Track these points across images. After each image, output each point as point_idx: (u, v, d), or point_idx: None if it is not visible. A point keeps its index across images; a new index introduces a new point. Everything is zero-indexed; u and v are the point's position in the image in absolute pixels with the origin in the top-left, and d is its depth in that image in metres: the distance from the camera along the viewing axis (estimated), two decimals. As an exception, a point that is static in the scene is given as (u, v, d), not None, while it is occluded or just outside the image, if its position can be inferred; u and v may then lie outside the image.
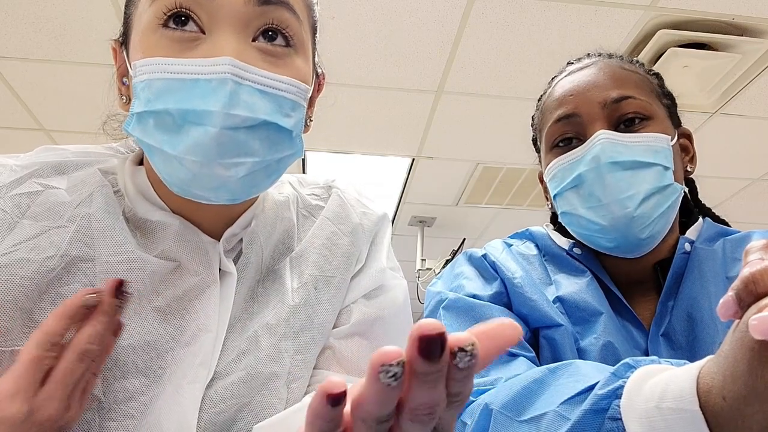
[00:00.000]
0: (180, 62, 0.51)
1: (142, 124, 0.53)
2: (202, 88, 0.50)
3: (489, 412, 0.59)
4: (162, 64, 0.52)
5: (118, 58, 0.60)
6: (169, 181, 0.55)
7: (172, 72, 0.51)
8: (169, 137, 0.51)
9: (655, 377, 0.47)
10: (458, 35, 2.06)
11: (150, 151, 0.54)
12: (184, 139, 0.50)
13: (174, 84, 0.51)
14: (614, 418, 0.48)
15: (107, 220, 0.56)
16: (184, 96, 0.50)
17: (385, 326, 0.67)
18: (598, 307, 0.74)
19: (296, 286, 0.63)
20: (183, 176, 0.52)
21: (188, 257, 0.58)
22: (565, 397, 0.53)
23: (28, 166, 0.57)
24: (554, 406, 0.53)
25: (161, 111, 0.51)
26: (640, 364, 0.50)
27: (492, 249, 0.84)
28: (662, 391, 0.44)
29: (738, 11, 1.91)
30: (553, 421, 0.52)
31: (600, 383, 0.51)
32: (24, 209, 0.54)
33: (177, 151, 0.51)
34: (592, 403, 0.50)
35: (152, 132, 0.52)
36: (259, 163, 0.53)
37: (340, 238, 0.67)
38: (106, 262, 0.54)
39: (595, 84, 0.77)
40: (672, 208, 0.74)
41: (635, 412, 0.46)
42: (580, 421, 0.50)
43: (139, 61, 0.53)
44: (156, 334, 0.55)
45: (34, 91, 2.34)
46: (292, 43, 0.56)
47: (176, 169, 0.52)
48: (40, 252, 0.52)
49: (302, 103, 0.57)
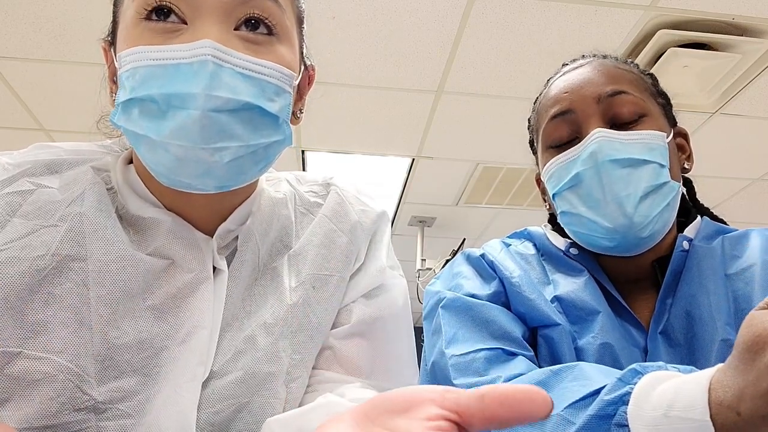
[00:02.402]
0: (161, 48, 0.52)
1: (127, 112, 0.53)
2: (183, 72, 0.51)
3: None
4: (144, 52, 0.52)
5: (108, 57, 0.61)
6: (155, 170, 0.55)
7: (155, 59, 0.52)
8: (154, 123, 0.51)
9: (663, 384, 0.47)
10: (458, 35, 2.06)
11: (136, 140, 0.54)
12: (169, 123, 0.51)
13: (157, 70, 0.51)
14: (621, 424, 0.47)
15: (99, 219, 0.55)
16: (166, 81, 0.51)
17: (385, 326, 0.66)
18: (596, 306, 0.74)
19: (294, 285, 0.63)
20: (168, 163, 0.53)
21: (181, 254, 0.58)
22: (569, 401, 0.53)
23: (20, 165, 0.57)
24: (558, 410, 0.53)
25: (145, 98, 0.51)
26: (647, 370, 0.50)
27: (490, 248, 0.84)
28: (671, 400, 0.44)
29: (738, 11, 1.91)
30: (558, 425, 0.52)
31: (606, 388, 0.51)
32: (15, 208, 0.54)
33: (161, 136, 0.51)
34: (599, 409, 0.50)
35: (137, 119, 0.52)
36: (244, 148, 0.53)
37: (338, 236, 0.67)
38: (98, 261, 0.54)
39: (590, 81, 0.77)
40: (670, 207, 0.74)
41: (642, 419, 0.46)
42: (585, 426, 0.50)
43: (123, 52, 0.54)
44: (150, 332, 0.55)
45: (34, 91, 2.34)
46: (275, 31, 0.57)
47: (162, 156, 0.52)
48: (30, 251, 0.52)
49: (287, 89, 0.57)
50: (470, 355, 0.69)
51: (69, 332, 0.52)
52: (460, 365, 0.69)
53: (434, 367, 0.73)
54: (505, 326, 0.73)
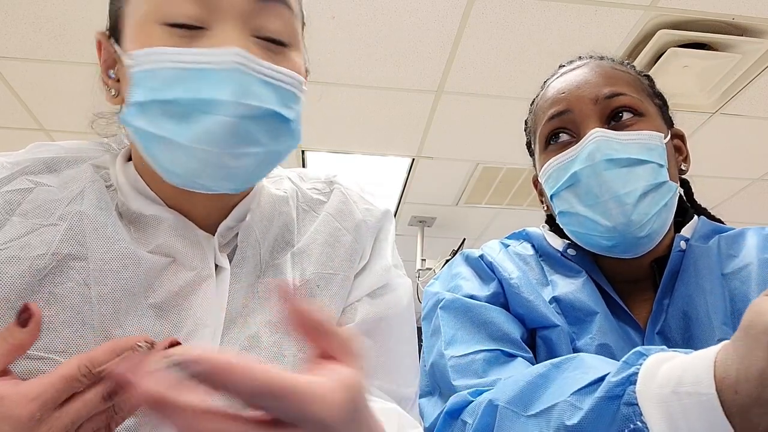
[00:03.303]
0: (186, 51, 0.52)
1: (147, 113, 0.53)
2: (211, 77, 0.51)
3: (494, 408, 0.59)
4: (167, 53, 0.52)
5: (105, 50, 0.60)
6: (171, 171, 0.54)
7: (180, 61, 0.51)
8: (179, 126, 0.51)
9: (668, 362, 0.48)
10: (458, 35, 2.06)
11: (151, 141, 0.54)
12: (195, 127, 0.51)
13: (182, 74, 0.51)
14: (630, 403, 0.48)
15: (99, 217, 0.55)
16: (194, 85, 0.51)
17: (389, 326, 0.66)
18: (594, 307, 0.74)
19: (298, 284, 0.63)
20: (189, 165, 0.53)
21: (183, 251, 0.58)
22: (575, 387, 0.53)
23: (18, 163, 0.57)
24: (564, 397, 0.53)
25: (170, 100, 0.51)
26: (651, 352, 0.51)
27: (489, 249, 0.84)
28: (679, 377, 0.45)
29: (738, 11, 1.91)
30: (564, 411, 0.52)
31: (613, 372, 0.51)
32: (14, 206, 0.53)
33: (186, 139, 0.51)
34: (606, 390, 0.50)
35: (159, 121, 0.52)
36: (263, 154, 0.54)
37: (342, 234, 0.67)
38: (99, 260, 0.54)
39: (587, 81, 0.77)
40: (668, 207, 0.74)
41: (651, 397, 0.47)
42: (593, 409, 0.50)
43: (139, 50, 0.53)
44: (153, 330, 0.55)
45: (34, 91, 2.35)
46: (288, 38, 0.57)
47: (182, 158, 0.52)
48: (30, 250, 0.52)
49: (301, 96, 0.58)
50: (469, 356, 0.69)
51: (71, 332, 0.51)
52: (459, 366, 0.69)
53: (433, 368, 0.73)
54: (503, 327, 0.73)
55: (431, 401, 0.72)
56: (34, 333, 0.47)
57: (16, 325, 0.46)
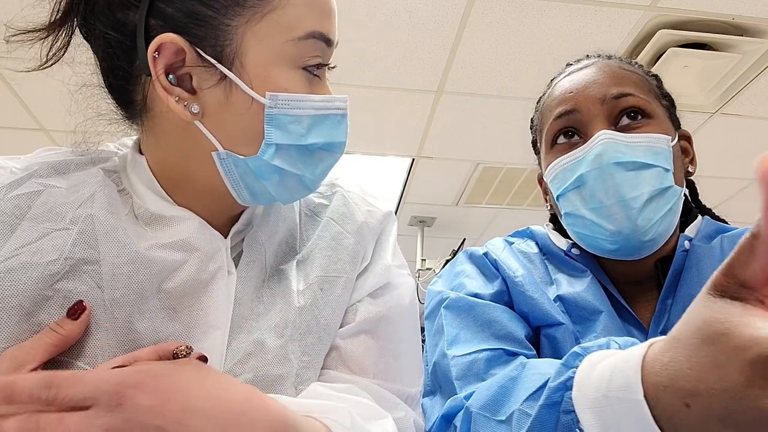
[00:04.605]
0: (323, 98, 0.58)
1: (285, 155, 0.57)
2: (332, 121, 0.60)
3: (469, 415, 0.59)
4: (313, 100, 0.58)
5: (173, 53, 0.54)
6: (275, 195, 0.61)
7: (323, 108, 0.59)
8: (306, 166, 0.59)
9: (602, 363, 0.47)
10: (458, 35, 2.06)
11: (285, 176, 0.58)
12: (319, 164, 0.60)
13: (318, 119, 0.58)
14: (568, 410, 0.47)
15: (110, 221, 0.55)
16: (325, 131, 0.59)
17: (390, 325, 0.66)
18: (599, 306, 0.74)
19: (302, 288, 0.63)
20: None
21: (199, 253, 0.58)
22: (527, 393, 0.54)
23: (27, 168, 0.57)
24: (518, 404, 0.54)
25: (311, 144, 0.58)
26: (588, 352, 0.50)
27: (493, 247, 0.84)
28: (609, 379, 0.44)
29: (738, 11, 1.91)
30: (519, 420, 0.53)
31: (552, 375, 0.51)
32: (24, 210, 0.53)
33: (314, 175, 0.60)
34: (546, 397, 0.50)
35: (294, 161, 0.58)
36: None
37: (345, 237, 0.67)
38: (111, 263, 0.54)
39: (595, 81, 0.77)
40: (673, 211, 0.74)
41: (587, 402, 0.46)
42: (538, 417, 0.50)
43: (284, 94, 0.55)
44: (166, 332, 0.55)
45: (34, 91, 2.34)
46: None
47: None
48: (43, 255, 0.51)
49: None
50: (472, 355, 0.69)
51: (85, 335, 0.51)
52: (462, 366, 0.69)
53: (435, 368, 0.73)
54: (507, 326, 0.72)
55: (433, 401, 0.72)
56: (83, 326, 0.50)
57: (66, 318, 0.50)
